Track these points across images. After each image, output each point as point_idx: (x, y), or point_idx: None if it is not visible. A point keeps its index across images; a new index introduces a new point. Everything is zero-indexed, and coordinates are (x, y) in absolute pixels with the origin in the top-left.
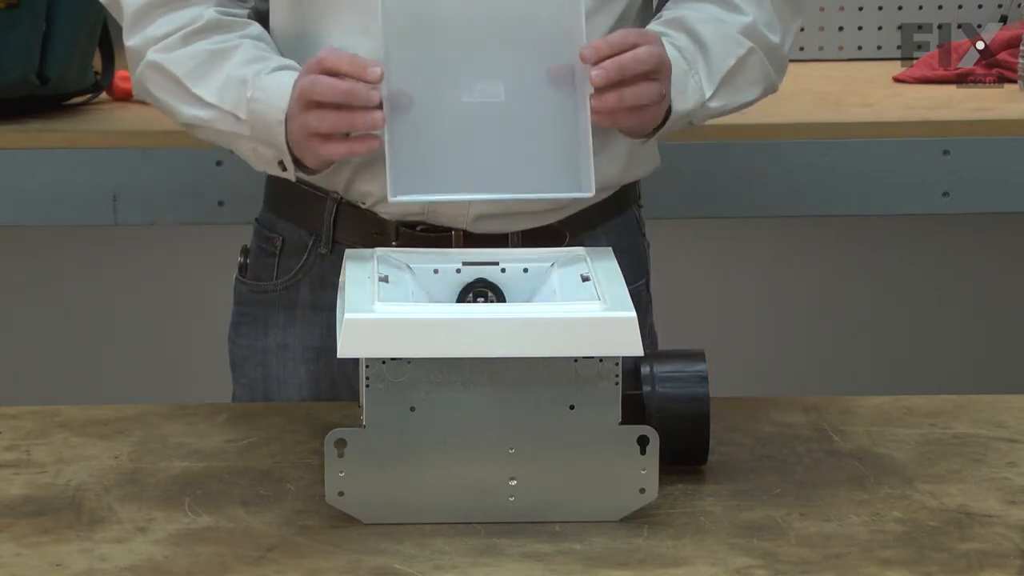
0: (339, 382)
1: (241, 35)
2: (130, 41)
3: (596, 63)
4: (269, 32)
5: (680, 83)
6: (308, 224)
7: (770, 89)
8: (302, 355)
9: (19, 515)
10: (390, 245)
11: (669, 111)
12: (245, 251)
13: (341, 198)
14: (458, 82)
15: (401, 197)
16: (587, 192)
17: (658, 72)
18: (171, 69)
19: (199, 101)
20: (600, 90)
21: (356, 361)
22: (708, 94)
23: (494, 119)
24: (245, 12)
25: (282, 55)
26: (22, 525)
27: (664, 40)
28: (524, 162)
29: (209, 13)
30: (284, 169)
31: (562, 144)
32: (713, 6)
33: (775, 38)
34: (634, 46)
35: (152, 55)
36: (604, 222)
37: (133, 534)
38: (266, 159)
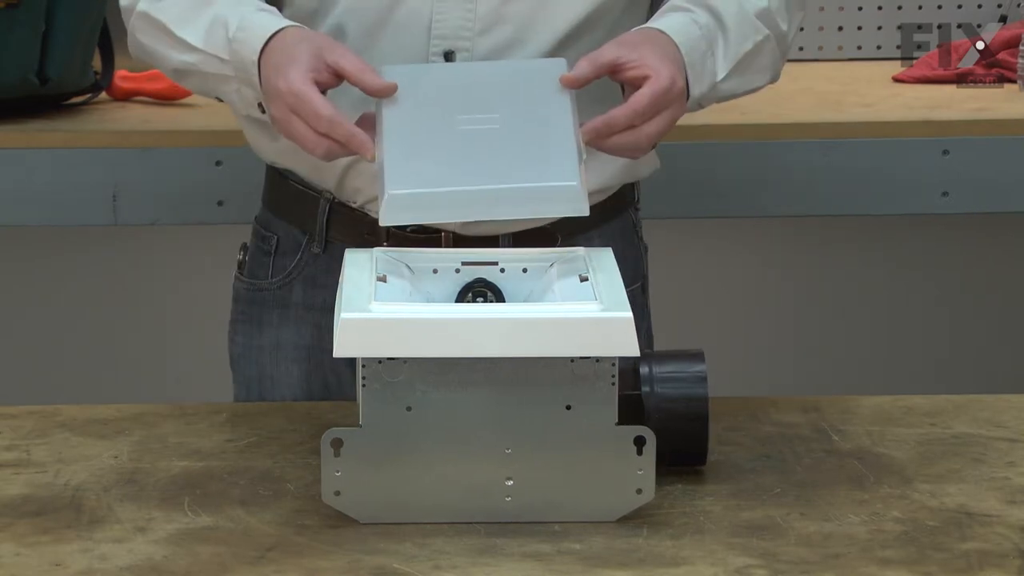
0: (331, 382)
1: None
2: (122, 1)
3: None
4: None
5: (698, 65)
6: (302, 223)
7: (775, 77)
8: (294, 354)
9: (19, 515)
10: (382, 246)
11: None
12: (244, 249)
13: (334, 198)
14: (453, 117)
15: (392, 221)
16: (582, 212)
17: (667, 104)
18: (158, 17)
19: (185, 45)
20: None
21: (350, 361)
22: (721, 76)
23: (487, 144)
24: None
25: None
26: (22, 525)
27: (687, 16)
28: (517, 183)
29: None
30: (263, 112)
31: (555, 166)
32: None
33: (784, 26)
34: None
35: (142, 5)
36: (597, 225)
37: (133, 534)
38: (247, 100)
